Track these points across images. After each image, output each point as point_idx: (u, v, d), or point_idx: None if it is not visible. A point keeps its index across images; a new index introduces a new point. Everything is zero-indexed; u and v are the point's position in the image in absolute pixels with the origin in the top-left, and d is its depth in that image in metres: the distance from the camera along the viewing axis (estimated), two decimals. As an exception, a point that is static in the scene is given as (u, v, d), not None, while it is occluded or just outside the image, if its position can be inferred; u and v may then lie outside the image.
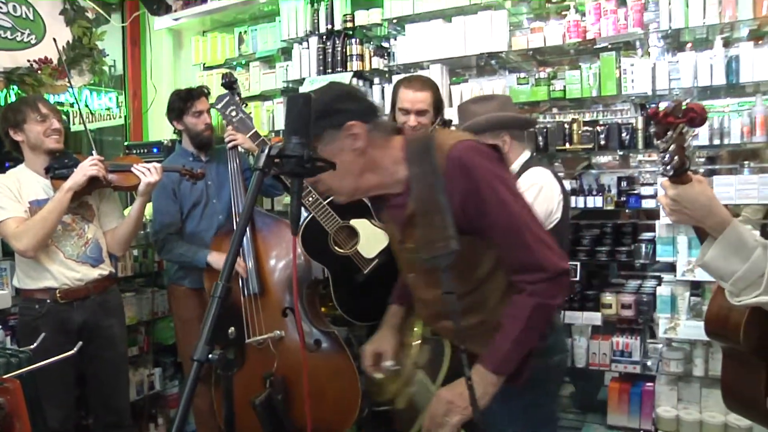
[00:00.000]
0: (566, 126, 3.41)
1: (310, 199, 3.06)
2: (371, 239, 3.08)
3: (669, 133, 1.32)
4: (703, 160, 3.43)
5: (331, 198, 2.98)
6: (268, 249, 3.32)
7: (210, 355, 1.11)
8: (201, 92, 3.48)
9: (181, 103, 3.42)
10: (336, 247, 3.11)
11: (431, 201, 1.59)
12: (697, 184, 1.36)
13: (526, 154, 2.51)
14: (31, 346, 2.10)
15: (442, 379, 1.79)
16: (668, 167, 1.33)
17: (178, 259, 3.35)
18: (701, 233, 1.46)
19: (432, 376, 1.84)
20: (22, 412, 1.66)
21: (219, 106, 3.18)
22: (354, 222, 3.10)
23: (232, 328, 1.20)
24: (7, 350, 2.12)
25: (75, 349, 2.08)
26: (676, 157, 1.31)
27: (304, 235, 3.15)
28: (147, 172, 2.93)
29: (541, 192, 2.32)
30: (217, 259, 3.25)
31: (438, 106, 2.90)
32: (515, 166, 2.44)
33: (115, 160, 3.14)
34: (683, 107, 1.31)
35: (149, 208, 3.39)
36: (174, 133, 3.67)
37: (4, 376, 1.75)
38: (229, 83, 3.37)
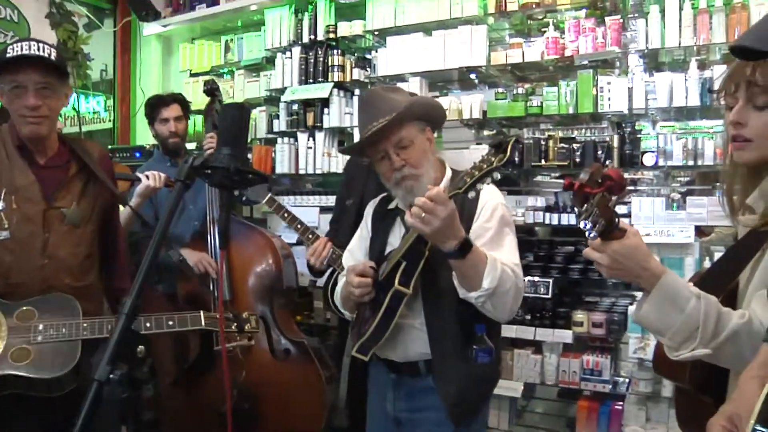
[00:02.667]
0: (542, 142, 3.35)
1: (299, 226, 3.06)
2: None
3: (588, 203, 1.24)
4: (680, 180, 3.37)
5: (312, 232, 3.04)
6: (241, 256, 3.27)
7: (111, 375, 1.04)
8: (172, 99, 3.46)
9: (150, 109, 3.44)
10: None
11: None
12: (633, 236, 1.29)
13: (449, 171, 2.13)
14: None
15: None
16: (594, 232, 1.25)
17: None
18: None
19: None
20: None
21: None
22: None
23: (142, 347, 1.13)
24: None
25: None
26: (601, 219, 1.23)
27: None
28: (152, 177, 2.96)
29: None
30: (190, 254, 3.21)
31: None
32: (445, 182, 2.04)
33: None
34: (600, 175, 1.24)
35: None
36: (153, 137, 3.65)
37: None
38: (211, 90, 3.36)
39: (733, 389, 1.29)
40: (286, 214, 3.06)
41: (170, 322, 2.15)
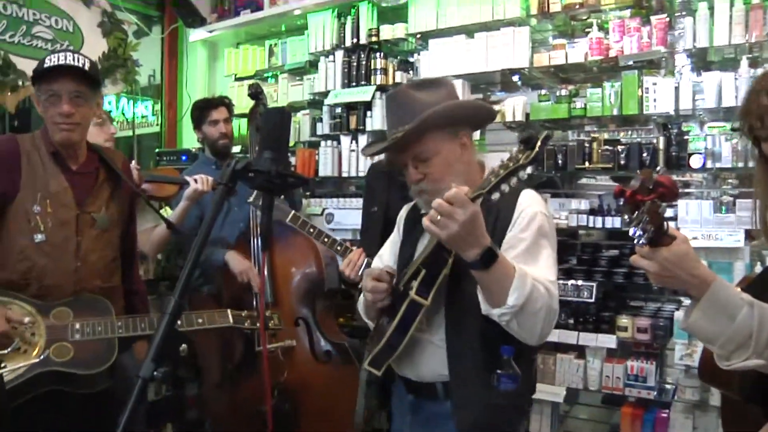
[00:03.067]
0: (586, 145, 3.30)
1: (326, 239, 3.01)
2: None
3: (639, 210, 1.22)
4: (730, 182, 3.28)
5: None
6: (283, 259, 3.30)
7: (155, 372, 1.07)
8: (220, 102, 3.52)
9: (198, 112, 3.49)
10: None
11: None
12: (682, 243, 1.25)
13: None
14: None
15: None
16: (643, 239, 1.22)
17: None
18: None
19: None
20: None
21: (251, 199, 3.09)
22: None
23: (184, 346, 1.16)
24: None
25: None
26: (651, 227, 1.21)
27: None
28: (200, 181, 3.03)
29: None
30: (233, 257, 3.26)
31: None
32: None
33: (151, 171, 3.20)
34: (651, 182, 1.22)
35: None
36: (198, 141, 3.71)
37: None
38: (255, 93, 3.38)
39: None
40: (312, 230, 3.02)
41: (200, 320, 2.20)
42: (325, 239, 3.00)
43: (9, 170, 2.16)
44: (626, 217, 1.25)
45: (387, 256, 2.11)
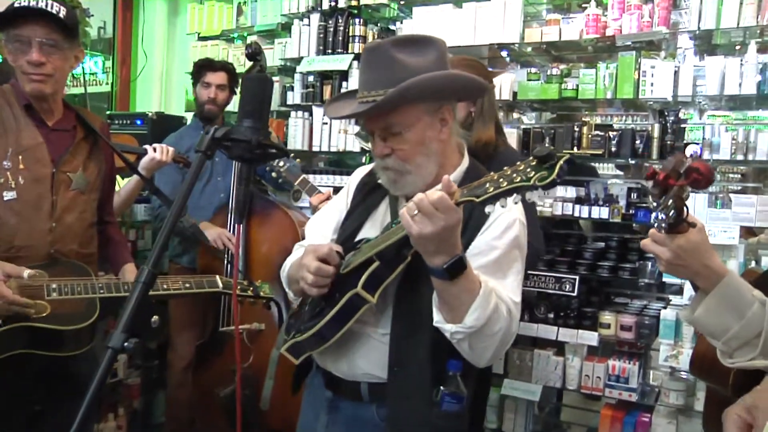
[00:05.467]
0: (575, 129, 3.38)
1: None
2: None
3: (666, 195, 1.25)
4: (733, 176, 3.39)
5: None
6: (260, 235, 3.34)
7: (126, 344, 1.12)
8: (221, 67, 3.65)
9: (196, 69, 3.63)
10: None
11: None
12: (698, 232, 1.29)
13: (465, 160, 1.83)
14: None
15: None
16: (664, 225, 1.26)
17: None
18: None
19: None
20: None
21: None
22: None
23: (156, 317, 1.21)
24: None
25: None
26: (673, 212, 1.24)
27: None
28: (159, 150, 3.01)
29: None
30: (209, 230, 3.33)
31: None
32: (457, 175, 1.76)
33: None
34: (683, 166, 1.23)
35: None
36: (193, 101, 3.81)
37: None
38: (253, 54, 3.35)
39: None
40: None
41: (187, 284, 2.25)
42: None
43: None
44: (652, 200, 1.28)
45: (326, 223, 1.98)
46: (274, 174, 3.04)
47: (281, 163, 3.05)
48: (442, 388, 1.59)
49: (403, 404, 1.66)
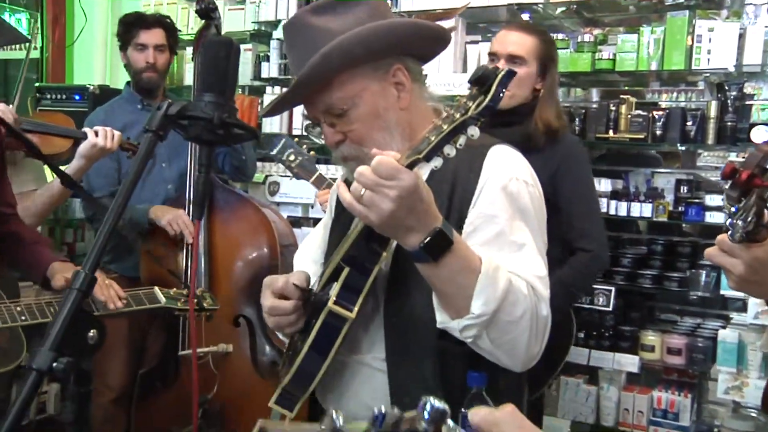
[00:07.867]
0: (612, 108, 3.36)
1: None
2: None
3: (748, 197, 1.21)
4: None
5: None
6: (225, 237, 3.31)
7: (55, 364, 1.11)
8: (155, 22, 3.52)
9: (124, 29, 3.50)
10: None
11: None
12: None
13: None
14: None
15: None
16: (740, 232, 1.23)
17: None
18: None
19: None
20: None
21: (275, 151, 3.14)
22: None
23: (94, 331, 1.20)
24: None
25: None
26: (752, 217, 1.21)
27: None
28: (102, 135, 2.93)
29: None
30: (162, 214, 3.23)
31: None
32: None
33: (33, 117, 3.15)
34: None
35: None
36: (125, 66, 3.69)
37: None
38: (206, 10, 3.30)
39: None
40: None
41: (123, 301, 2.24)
42: None
43: None
44: (728, 204, 1.23)
45: (315, 246, 2.00)
46: (284, 168, 3.03)
47: (291, 156, 3.01)
48: (463, 410, 1.40)
49: None
